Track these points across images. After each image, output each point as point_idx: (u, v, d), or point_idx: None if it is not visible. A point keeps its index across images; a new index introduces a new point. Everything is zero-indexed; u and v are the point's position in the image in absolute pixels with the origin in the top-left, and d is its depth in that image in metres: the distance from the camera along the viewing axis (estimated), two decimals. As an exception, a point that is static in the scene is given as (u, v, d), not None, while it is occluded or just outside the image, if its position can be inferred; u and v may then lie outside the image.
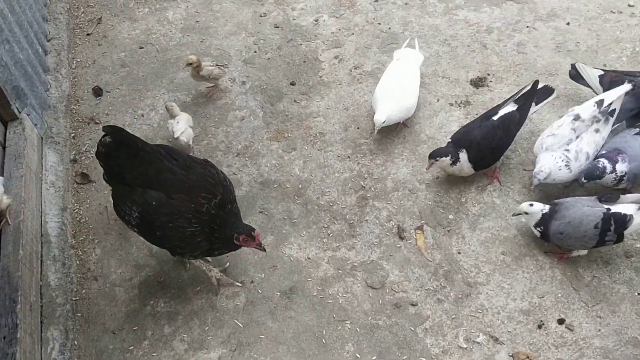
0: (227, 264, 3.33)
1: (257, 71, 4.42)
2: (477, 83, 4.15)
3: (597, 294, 3.07)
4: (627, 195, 3.14)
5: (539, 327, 2.98)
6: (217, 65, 4.16)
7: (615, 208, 3.02)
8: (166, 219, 2.86)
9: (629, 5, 4.54)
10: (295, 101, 4.21)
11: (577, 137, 3.30)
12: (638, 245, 3.22)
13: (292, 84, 4.31)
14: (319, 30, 4.68)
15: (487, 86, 4.11)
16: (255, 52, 4.56)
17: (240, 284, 3.25)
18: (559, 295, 3.08)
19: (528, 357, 2.88)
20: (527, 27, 4.48)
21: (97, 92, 4.36)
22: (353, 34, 4.64)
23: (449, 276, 3.22)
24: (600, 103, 3.38)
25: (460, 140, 3.47)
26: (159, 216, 2.87)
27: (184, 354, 3.05)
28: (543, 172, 3.22)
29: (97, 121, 4.14)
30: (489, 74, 4.20)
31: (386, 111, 3.69)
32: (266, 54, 4.54)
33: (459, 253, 3.31)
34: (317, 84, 4.31)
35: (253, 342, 3.06)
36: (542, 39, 4.37)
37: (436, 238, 3.39)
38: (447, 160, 3.41)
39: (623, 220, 2.97)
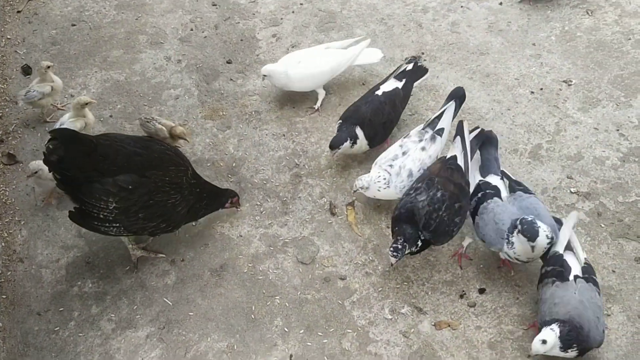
0: (150, 239, 3.31)
1: (193, 49, 4.36)
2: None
3: (517, 265, 3.18)
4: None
5: (461, 297, 3.08)
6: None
7: None
8: (146, 197, 2.92)
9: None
10: (231, 79, 4.18)
11: (404, 153, 3.30)
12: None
13: (229, 62, 4.28)
14: (257, 9, 4.65)
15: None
16: (191, 30, 4.50)
17: (164, 255, 3.27)
18: (481, 266, 3.18)
19: (449, 326, 2.98)
20: (462, 7, 4.55)
21: (26, 70, 4.23)
22: (292, 12, 4.63)
23: (377, 250, 3.29)
24: (427, 121, 3.44)
25: (352, 118, 3.52)
26: (140, 196, 2.90)
27: (112, 334, 3.03)
28: (361, 182, 3.24)
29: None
30: (423, 53, 4.26)
31: (269, 66, 3.84)
32: (203, 32, 4.49)
33: (388, 227, 3.37)
34: (254, 62, 4.29)
35: (182, 320, 3.07)
36: (475, 19, 4.46)
37: (366, 213, 3.45)
38: (347, 144, 3.46)
39: None
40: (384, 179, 3.24)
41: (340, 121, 3.58)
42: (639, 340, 2.87)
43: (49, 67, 3.75)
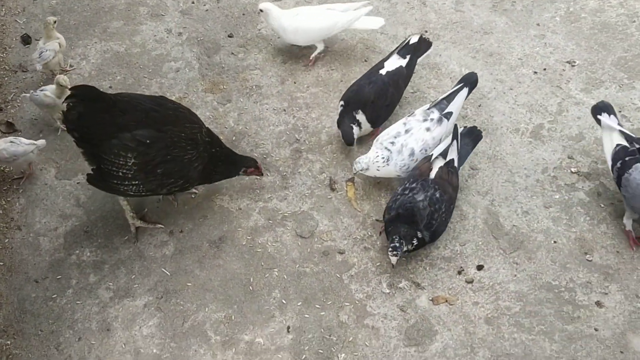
0: (145, 209, 3.31)
1: (195, 22, 4.32)
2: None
3: (515, 242, 3.18)
4: None
5: (459, 273, 3.08)
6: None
7: None
8: (164, 152, 2.94)
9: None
10: (232, 53, 4.14)
11: (407, 131, 3.26)
12: (557, 197, 3.35)
13: (230, 36, 4.24)
14: (259, -17, 4.59)
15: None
16: (193, 2, 4.45)
17: (162, 225, 3.26)
18: (480, 243, 3.18)
19: (447, 301, 2.99)
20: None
21: (26, 40, 4.18)
22: (295, -13, 4.57)
23: (376, 225, 3.29)
24: (434, 101, 3.40)
25: (353, 101, 3.45)
26: (157, 151, 2.92)
27: (109, 302, 3.03)
28: (360, 164, 3.21)
29: (25, 69, 3.99)
30: (426, 31, 4.22)
31: (269, 4, 3.88)
32: (204, 5, 4.44)
33: (387, 203, 3.37)
34: (256, 37, 4.25)
35: (180, 290, 3.07)
36: (480, -2, 4.41)
37: (366, 190, 3.44)
38: (357, 131, 3.43)
39: None
40: (383, 157, 3.22)
41: (342, 103, 3.50)
42: (637, 319, 2.89)
43: (55, 22, 3.75)
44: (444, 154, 3.17)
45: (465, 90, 3.42)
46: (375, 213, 3.33)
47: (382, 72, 3.57)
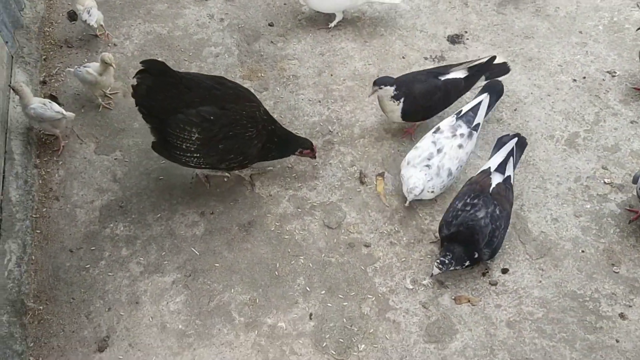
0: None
1: (237, 9, 4.37)
2: (454, 39, 4.17)
3: (542, 248, 3.18)
4: None
5: (483, 274, 3.10)
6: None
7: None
8: (227, 129, 3.03)
9: None
10: (271, 42, 4.19)
11: (439, 150, 3.22)
12: (588, 206, 3.34)
13: (271, 24, 4.29)
14: (302, -26, 4.62)
15: (463, 43, 4.13)
16: (236, -10, 4.51)
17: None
18: (506, 247, 3.18)
19: (469, 301, 3.01)
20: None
21: (72, 16, 4.28)
22: (337, -19, 4.59)
23: (404, 222, 3.31)
24: (459, 113, 3.34)
25: (403, 86, 3.39)
26: (220, 128, 3.02)
27: (139, 276, 3.12)
28: (417, 189, 3.14)
29: (70, 45, 4.10)
30: (466, 32, 4.21)
31: None
32: (247, -8, 4.49)
33: (416, 201, 3.39)
34: (296, 27, 4.29)
35: (208, 270, 3.14)
36: (523, 2, 4.38)
37: (396, 185, 3.47)
38: (390, 90, 3.34)
39: None
40: (430, 179, 3.18)
41: (395, 84, 3.37)
42: (659, 334, 2.87)
43: None
44: (501, 169, 3.10)
45: (487, 98, 3.36)
46: (403, 209, 3.36)
47: (442, 78, 3.48)
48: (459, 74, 3.52)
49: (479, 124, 3.31)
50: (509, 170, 3.11)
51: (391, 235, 3.27)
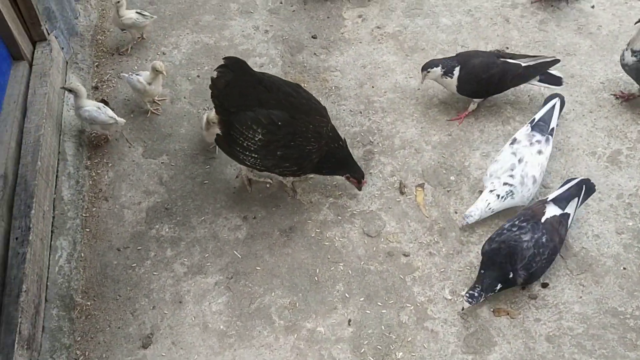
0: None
1: (281, 22, 4.49)
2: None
3: (583, 264, 3.17)
4: None
5: (523, 288, 3.09)
6: (139, 13, 4.10)
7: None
8: (290, 137, 3.09)
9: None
10: (314, 54, 4.29)
11: (520, 160, 3.24)
12: (630, 224, 3.31)
13: (314, 37, 4.39)
14: (345, -11, 4.73)
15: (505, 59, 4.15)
16: (281, 3, 4.63)
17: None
18: (547, 261, 3.18)
19: (508, 314, 3.01)
20: (552, 6, 4.50)
21: (124, 25, 4.46)
22: (379, -5, 4.69)
23: (443, 233, 3.34)
24: (532, 122, 3.38)
25: (462, 57, 3.63)
26: (285, 135, 3.08)
27: (183, 276, 3.21)
28: (472, 218, 3.18)
29: (121, 53, 4.26)
30: (507, 48, 4.24)
31: None
32: (291, 6, 4.61)
33: (456, 212, 3.41)
34: (338, 39, 4.38)
35: (249, 273, 3.21)
36: (565, 19, 4.40)
37: (435, 197, 3.50)
38: (438, 70, 3.59)
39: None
40: (498, 196, 3.18)
41: (455, 55, 3.69)
42: None
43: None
44: (561, 204, 3.08)
45: (559, 103, 3.45)
46: (442, 220, 3.39)
47: (500, 58, 3.65)
48: (520, 62, 3.65)
49: (553, 128, 3.37)
50: (570, 209, 3.07)
51: (430, 245, 3.30)
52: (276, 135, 3.07)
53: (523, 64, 3.63)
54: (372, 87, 4.09)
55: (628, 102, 3.84)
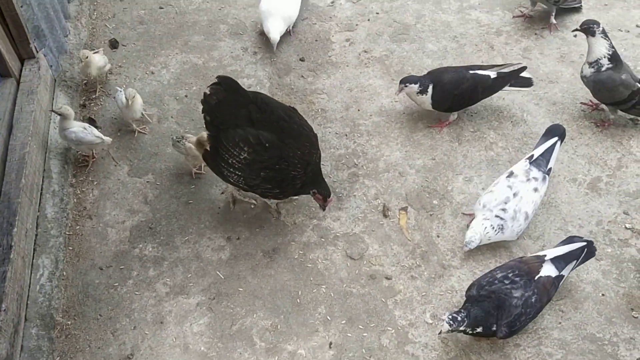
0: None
1: (269, 44, 4.54)
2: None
3: (562, 290, 3.20)
4: None
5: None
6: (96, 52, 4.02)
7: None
8: (275, 160, 3.10)
9: (637, 26, 4.65)
10: (302, 76, 4.35)
11: (515, 194, 3.25)
12: (608, 250, 3.36)
13: (302, 60, 4.45)
14: (334, 13, 4.81)
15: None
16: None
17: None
18: (527, 286, 3.21)
19: (488, 339, 3.03)
20: (535, 34, 4.60)
21: (114, 44, 4.50)
22: (368, 20, 4.76)
23: (425, 256, 3.37)
24: (530, 158, 3.41)
25: (434, 75, 3.80)
26: (270, 158, 3.10)
27: (165, 297, 3.20)
28: (474, 243, 3.18)
29: (110, 72, 4.29)
30: (490, 72, 4.32)
31: (278, 29, 4.32)
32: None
33: (438, 236, 3.45)
34: (326, 62, 4.44)
35: (231, 294, 3.22)
36: (548, 47, 4.49)
37: (418, 220, 3.54)
38: (415, 87, 3.73)
39: None
40: (493, 227, 3.20)
41: (427, 73, 3.90)
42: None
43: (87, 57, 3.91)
44: (559, 265, 3.00)
45: (558, 144, 3.45)
46: (425, 244, 3.42)
47: (470, 71, 3.82)
48: (489, 73, 3.83)
49: (551, 168, 3.39)
50: (566, 272, 3.04)
51: (412, 269, 3.32)
52: (262, 156, 3.10)
53: (492, 76, 3.82)
54: (358, 110, 4.14)
55: (607, 129, 3.93)
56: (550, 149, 3.43)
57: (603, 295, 3.19)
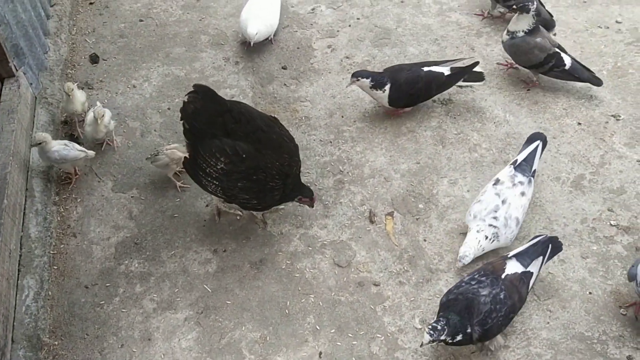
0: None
1: (251, 53, 4.55)
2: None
3: (550, 289, 3.22)
4: None
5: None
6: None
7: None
8: (252, 171, 3.10)
9: (617, 22, 4.69)
10: (285, 85, 4.34)
11: (503, 202, 3.25)
12: (594, 248, 3.38)
13: (284, 68, 4.45)
14: (315, 20, 4.82)
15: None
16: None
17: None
18: (514, 287, 3.22)
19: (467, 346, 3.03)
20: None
21: (94, 59, 4.48)
22: (349, 25, 4.77)
23: (412, 261, 3.37)
24: (514, 163, 3.42)
25: (390, 74, 3.89)
26: (247, 168, 3.09)
27: (152, 313, 3.18)
28: (468, 258, 3.17)
29: (91, 87, 4.27)
30: (472, 75, 4.33)
31: (257, 26, 4.30)
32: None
33: (425, 240, 3.45)
34: (308, 70, 4.44)
35: (219, 307, 3.20)
36: (529, 47, 4.51)
37: (405, 225, 3.54)
38: (367, 82, 3.83)
39: None
40: (486, 237, 3.20)
41: (384, 70, 3.97)
42: (668, 378, 2.87)
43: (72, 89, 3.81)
44: (523, 261, 2.99)
45: (540, 147, 3.46)
46: (412, 249, 3.42)
47: (425, 69, 3.93)
48: (443, 70, 3.95)
49: (535, 170, 3.40)
50: (534, 267, 3.01)
51: (400, 274, 3.32)
52: (238, 167, 3.09)
53: (446, 73, 3.93)
54: (342, 116, 4.14)
55: (535, 86, 4.17)
56: (533, 153, 3.44)
57: (590, 293, 3.20)
